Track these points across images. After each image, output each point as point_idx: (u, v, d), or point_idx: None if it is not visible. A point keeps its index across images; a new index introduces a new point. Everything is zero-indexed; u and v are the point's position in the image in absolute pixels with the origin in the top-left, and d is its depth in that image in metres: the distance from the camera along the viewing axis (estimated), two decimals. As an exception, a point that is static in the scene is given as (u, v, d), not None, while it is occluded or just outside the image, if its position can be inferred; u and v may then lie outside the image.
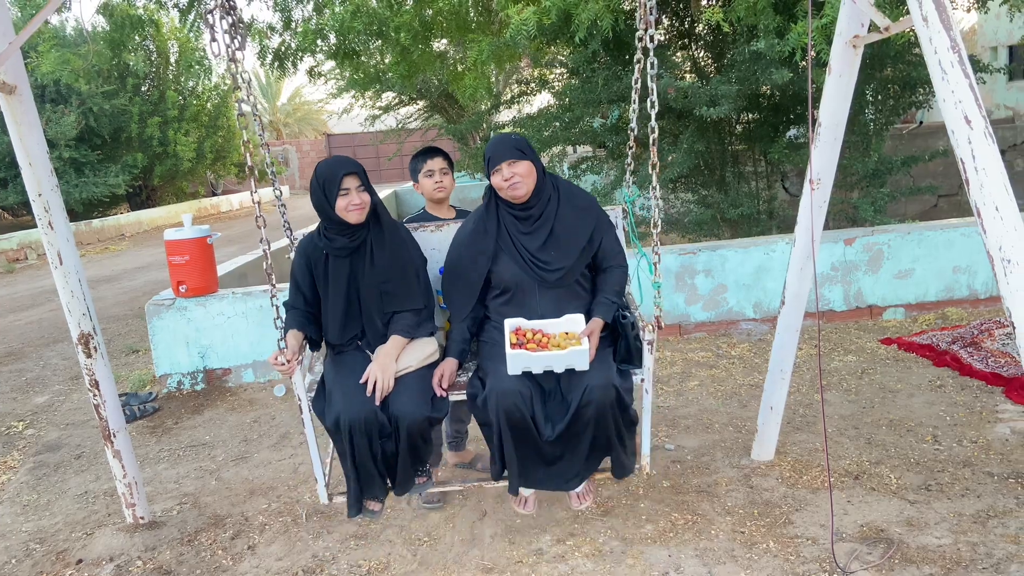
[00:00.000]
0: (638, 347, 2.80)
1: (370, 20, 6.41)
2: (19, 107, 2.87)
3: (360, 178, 2.80)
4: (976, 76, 2.55)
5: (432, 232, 3.23)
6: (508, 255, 2.87)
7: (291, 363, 2.69)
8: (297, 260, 2.94)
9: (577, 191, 2.98)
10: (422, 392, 2.75)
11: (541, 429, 2.71)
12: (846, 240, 5.56)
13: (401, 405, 2.70)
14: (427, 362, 2.85)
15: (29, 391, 5.88)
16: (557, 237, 2.86)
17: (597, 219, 2.92)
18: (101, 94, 17.53)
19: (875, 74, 6.55)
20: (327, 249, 2.88)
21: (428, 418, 2.72)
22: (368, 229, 2.88)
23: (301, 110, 39.58)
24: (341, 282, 2.88)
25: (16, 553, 3.37)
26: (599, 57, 6.92)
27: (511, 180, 2.78)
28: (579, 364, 2.68)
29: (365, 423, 2.66)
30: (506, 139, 2.85)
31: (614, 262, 2.95)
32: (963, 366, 4.51)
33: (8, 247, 14.30)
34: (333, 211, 2.77)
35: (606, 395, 2.65)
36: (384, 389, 2.70)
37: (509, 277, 2.87)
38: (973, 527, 2.90)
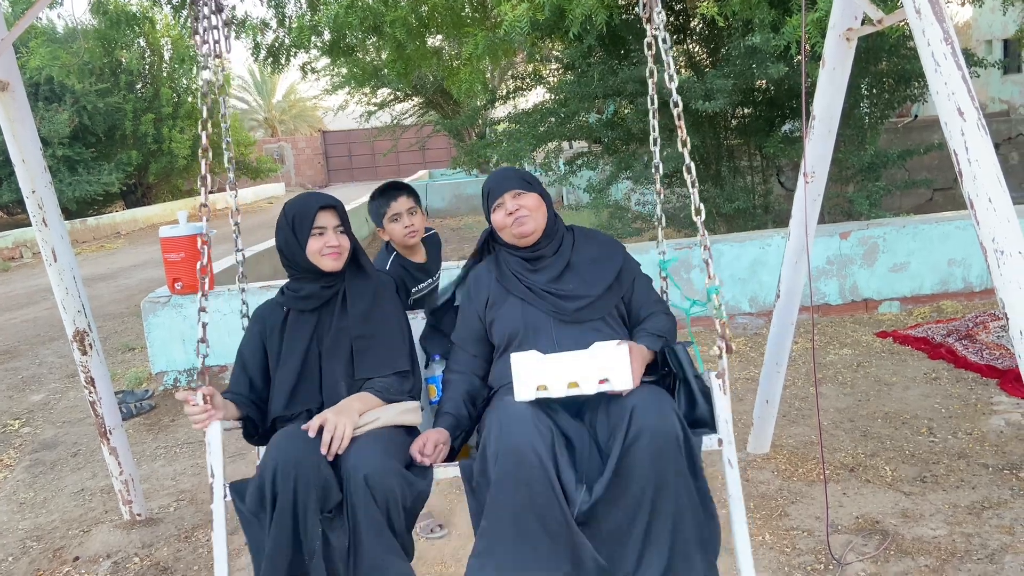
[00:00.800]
0: (705, 390, 2.08)
1: (365, 15, 6.39)
2: (12, 103, 2.87)
3: (339, 216, 2.27)
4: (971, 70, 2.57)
5: (423, 319, 2.56)
6: (512, 294, 2.28)
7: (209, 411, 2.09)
8: (249, 331, 2.38)
9: (595, 231, 2.46)
10: (393, 450, 2.02)
11: (570, 494, 1.87)
12: (841, 234, 5.57)
13: (358, 455, 1.95)
14: (402, 420, 2.15)
15: (25, 389, 5.87)
16: (576, 269, 2.30)
17: (624, 258, 2.36)
18: (95, 92, 17.49)
19: (870, 68, 6.56)
20: (288, 303, 2.32)
21: (402, 476, 1.95)
22: (344, 279, 2.32)
23: (296, 107, 39.54)
24: (300, 342, 2.26)
25: (13, 551, 3.36)
26: (594, 52, 6.92)
27: (516, 214, 2.24)
28: (618, 379, 1.94)
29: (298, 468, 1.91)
30: (508, 170, 2.38)
31: (656, 308, 2.34)
32: (958, 358, 4.53)
33: (3, 245, 14.27)
34: (303, 254, 2.24)
35: (668, 424, 1.88)
36: (339, 440, 1.96)
37: (515, 319, 2.24)
38: (968, 518, 2.91)
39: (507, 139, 7.27)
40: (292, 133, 38.09)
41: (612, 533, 1.90)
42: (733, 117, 7.46)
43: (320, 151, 34.61)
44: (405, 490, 1.95)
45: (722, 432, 2.01)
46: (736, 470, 2.00)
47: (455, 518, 3.29)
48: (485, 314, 2.31)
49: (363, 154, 33.35)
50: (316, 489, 1.91)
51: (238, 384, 2.32)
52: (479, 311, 2.32)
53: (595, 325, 2.21)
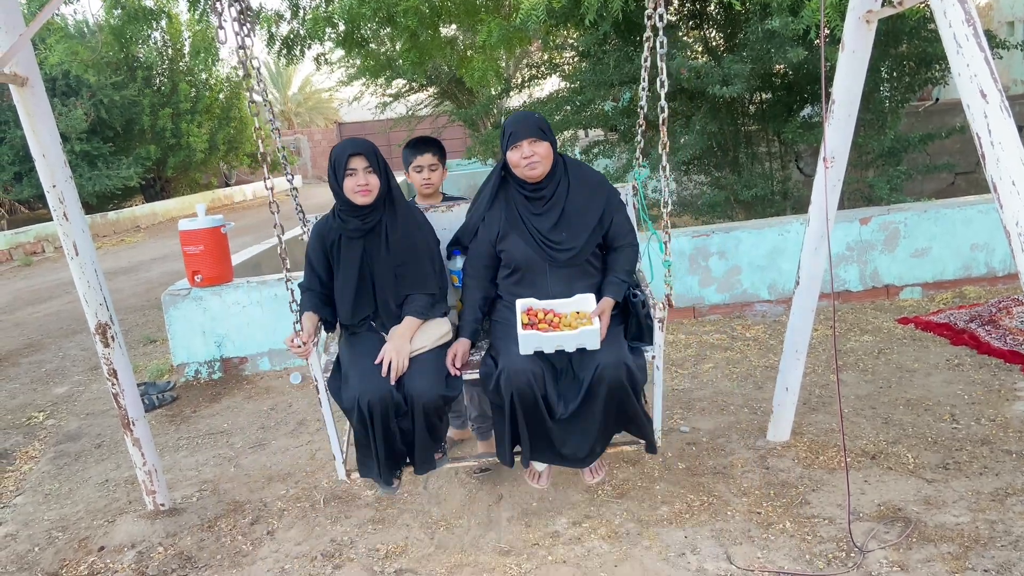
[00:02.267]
0: (649, 325, 2.82)
1: (378, 6, 6.38)
2: (31, 99, 2.89)
3: (368, 159, 2.78)
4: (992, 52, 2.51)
5: (443, 213, 3.24)
6: (518, 234, 2.88)
7: (307, 345, 2.71)
8: (312, 241, 2.96)
9: (587, 170, 2.99)
10: (436, 372, 2.78)
11: (554, 408, 2.74)
12: (862, 219, 5.51)
13: (416, 385, 2.72)
14: (440, 342, 2.89)
15: (49, 382, 5.95)
16: (568, 218, 2.86)
17: (607, 198, 2.92)
18: (111, 85, 17.60)
19: (890, 51, 6.47)
20: (340, 231, 2.89)
21: (442, 396, 2.75)
22: (382, 211, 2.88)
23: (312, 99, 39.60)
24: (353, 264, 2.89)
25: (39, 541, 3.42)
26: (609, 39, 6.87)
27: (530, 159, 2.78)
28: (590, 343, 2.70)
29: (381, 403, 2.68)
30: (529, 116, 2.83)
31: (624, 241, 2.95)
32: (981, 344, 4.47)
33: (25, 240, 14.45)
34: (342, 192, 2.79)
35: (618, 372, 2.67)
36: (399, 369, 2.72)
37: (519, 256, 2.88)
38: (991, 505, 2.88)
39: (522, 128, 7.24)
40: (308, 125, 38.16)
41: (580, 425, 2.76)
42: (751, 102, 7.38)
43: (336, 143, 34.67)
44: (444, 401, 2.78)
45: (655, 351, 2.80)
46: (662, 371, 2.84)
47: (474, 506, 3.31)
48: (496, 243, 2.92)
49: (379, 145, 33.11)
50: (392, 411, 2.72)
51: (311, 281, 2.95)
52: (491, 239, 2.92)
53: (580, 267, 2.89)
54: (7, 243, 14.13)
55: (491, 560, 2.89)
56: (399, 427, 2.76)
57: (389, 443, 2.77)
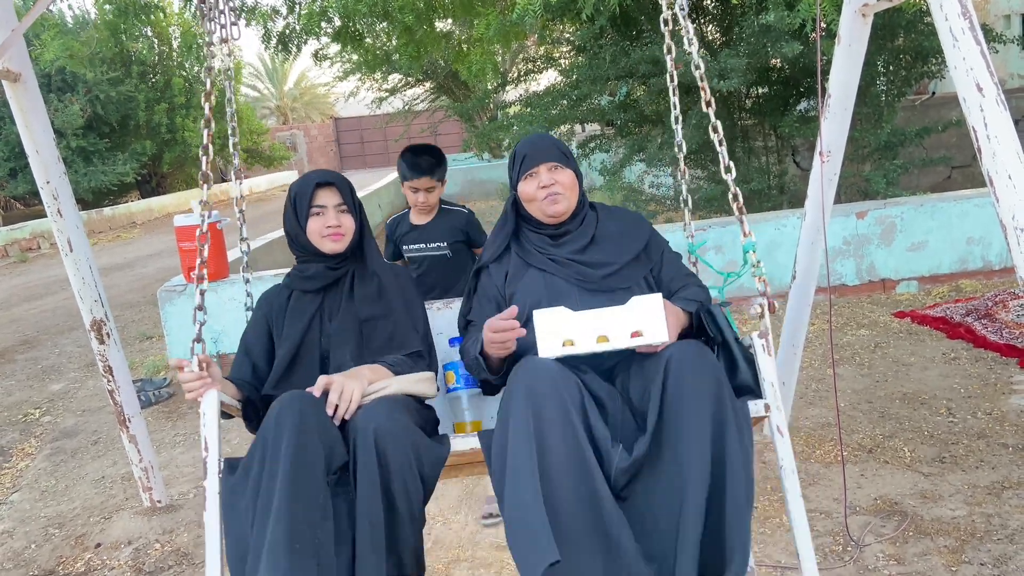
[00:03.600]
0: (747, 354, 1.91)
1: (374, 1, 6.36)
2: (24, 94, 2.88)
3: (341, 194, 2.10)
4: (989, 45, 2.51)
5: (439, 310, 2.49)
6: (535, 266, 2.12)
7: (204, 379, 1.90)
8: (254, 317, 2.24)
9: (620, 208, 2.33)
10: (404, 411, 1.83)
11: (604, 453, 1.68)
12: (858, 213, 5.51)
13: (368, 413, 1.76)
14: (416, 388, 1.97)
15: (45, 379, 5.94)
16: (601, 241, 2.14)
17: (651, 233, 2.21)
18: (107, 80, 17.53)
19: (886, 45, 6.47)
20: (293, 284, 2.17)
21: (415, 436, 1.77)
22: (352, 262, 2.17)
23: (308, 94, 39.53)
24: (300, 320, 2.11)
25: (36, 538, 3.41)
26: (606, 33, 6.86)
27: (550, 190, 2.06)
28: (653, 331, 1.73)
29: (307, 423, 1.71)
30: (546, 137, 2.21)
31: (687, 281, 2.17)
32: (977, 338, 4.48)
33: (21, 236, 14.40)
34: (304, 235, 2.09)
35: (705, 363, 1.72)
36: (346, 403, 1.79)
37: (537, 289, 2.07)
38: (988, 499, 2.89)
39: (519, 122, 7.24)
40: (304, 120, 38.09)
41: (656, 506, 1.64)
42: (747, 97, 7.38)
43: (332, 138, 34.60)
44: (420, 450, 1.75)
45: (768, 397, 1.78)
46: (787, 439, 1.79)
47: (471, 501, 3.31)
48: (504, 289, 2.13)
49: (375, 140, 33.30)
50: (323, 445, 1.70)
51: (240, 370, 2.14)
52: (498, 287, 2.14)
53: (623, 295, 1.91)
54: (2, 239, 14.08)
55: (488, 555, 2.89)
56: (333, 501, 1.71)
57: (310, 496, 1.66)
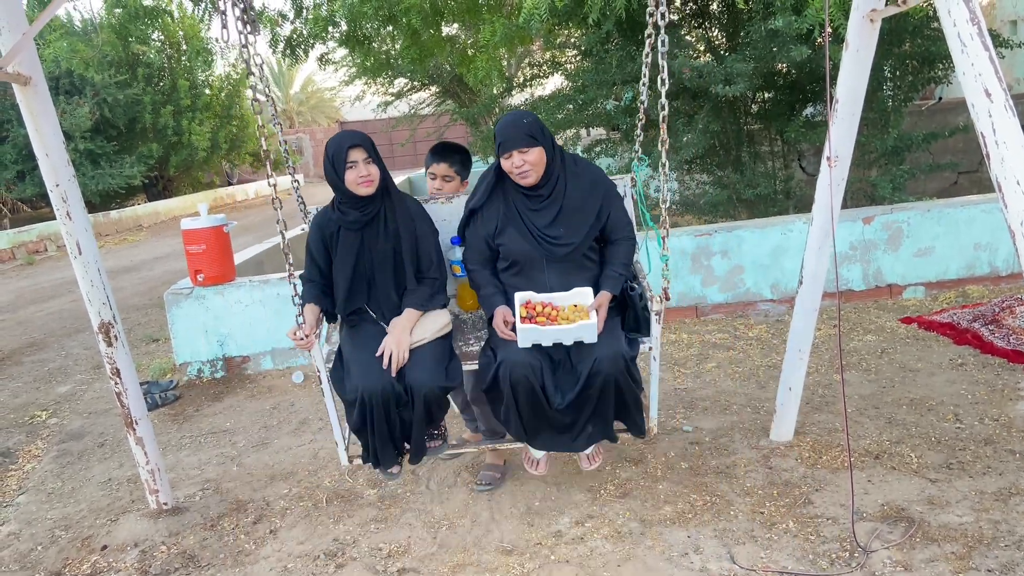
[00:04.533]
0: (646, 317, 2.88)
1: (380, 5, 6.38)
2: (35, 98, 2.89)
3: (366, 150, 2.82)
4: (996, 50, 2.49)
5: (442, 204, 3.27)
6: (516, 229, 2.91)
7: (309, 337, 2.76)
8: (312, 233, 2.99)
9: (585, 166, 2.99)
10: (436, 362, 2.83)
11: (551, 398, 2.79)
12: (865, 219, 5.50)
13: (416, 376, 2.79)
14: (440, 333, 2.94)
15: (52, 381, 5.96)
16: (566, 214, 2.89)
17: (606, 193, 2.95)
18: (114, 84, 17.61)
19: (893, 50, 6.46)
20: (340, 222, 2.92)
21: (442, 387, 2.82)
22: (381, 202, 2.91)
23: (314, 98, 39.61)
24: (349, 255, 2.92)
25: (42, 540, 3.42)
26: (612, 38, 6.86)
27: (521, 168, 2.81)
28: (588, 337, 2.76)
29: (383, 395, 2.75)
30: (518, 122, 2.81)
31: (622, 234, 2.98)
32: (984, 344, 4.47)
33: (28, 239, 14.46)
34: (343, 185, 2.81)
35: (615, 365, 2.74)
36: (399, 361, 2.78)
37: (517, 251, 2.91)
38: (995, 505, 2.88)
39: (524, 126, 7.23)
40: (310, 124, 38.17)
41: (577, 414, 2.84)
42: (753, 102, 7.38)
43: (335, 140, 34.65)
44: (443, 391, 2.85)
45: (652, 342, 2.88)
46: (658, 361, 2.92)
47: (476, 506, 3.31)
48: (494, 237, 2.95)
49: (381, 144, 33.09)
50: (392, 402, 2.78)
51: (311, 271, 2.98)
52: (489, 231, 2.96)
53: (577, 262, 2.92)
54: (10, 242, 14.14)
55: (494, 560, 2.89)
56: (400, 417, 2.82)
57: (390, 432, 2.84)
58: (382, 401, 2.76)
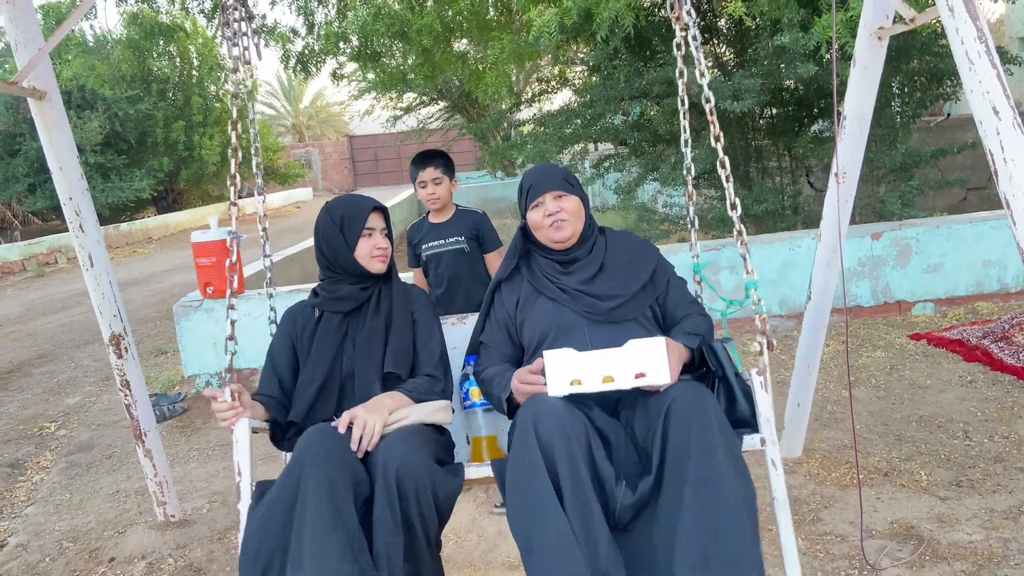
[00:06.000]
0: (746, 388, 2.05)
1: (392, 22, 6.43)
2: (49, 112, 2.93)
3: (385, 219, 2.33)
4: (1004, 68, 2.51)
5: (453, 325, 2.57)
6: (544, 294, 2.25)
7: (237, 408, 2.04)
8: (279, 332, 2.37)
9: (628, 234, 2.41)
10: (424, 445, 1.99)
11: (608, 491, 1.81)
12: (873, 235, 5.50)
13: (389, 448, 1.91)
14: (432, 419, 2.12)
15: (61, 392, 5.98)
16: (609, 271, 2.26)
17: (658, 260, 2.33)
18: (126, 99, 17.77)
19: (901, 66, 6.47)
20: (323, 306, 2.31)
21: (433, 469, 1.92)
22: (379, 282, 2.35)
23: (323, 112, 39.90)
24: (328, 348, 2.24)
25: (50, 551, 3.43)
26: (620, 54, 6.90)
27: (555, 216, 2.21)
28: (656, 373, 1.88)
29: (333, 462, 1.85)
30: (551, 168, 2.32)
31: (691, 310, 2.31)
32: (994, 361, 4.45)
33: (38, 251, 14.55)
34: (351, 256, 2.25)
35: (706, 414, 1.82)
36: (368, 436, 1.94)
37: (547, 319, 2.19)
38: (1005, 523, 2.86)
39: (532, 141, 7.28)
40: (319, 138, 38.41)
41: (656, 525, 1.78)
42: (761, 117, 7.39)
43: (347, 156, 34.88)
44: (436, 483, 1.91)
45: (764, 431, 1.95)
46: (780, 472, 1.96)
47: (483, 520, 3.30)
48: (516, 315, 2.28)
49: (389, 158, 33.53)
50: (350, 483, 1.85)
51: (268, 386, 2.28)
52: (509, 311, 2.30)
53: (629, 326, 2.15)
54: (21, 254, 14.24)
55: (501, 575, 2.88)
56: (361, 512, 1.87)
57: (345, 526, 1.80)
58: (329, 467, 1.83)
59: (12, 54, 2.92)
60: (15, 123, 16.97)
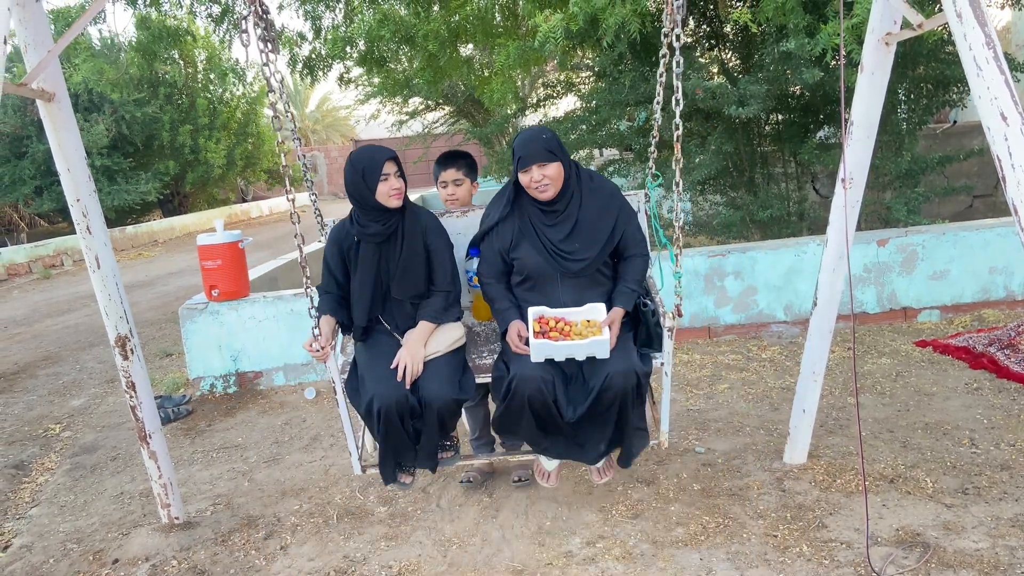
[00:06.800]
0: (658, 332, 2.91)
1: (398, 28, 6.46)
2: (58, 114, 2.93)
3: (397, 163, 2.90)
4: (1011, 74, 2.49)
5: (457, 218, 3.32)
6: (531, 244, 2.95)
7: (325, 349, 2.80)
8: (329, 246, 3.05)
9: (600, 181, 3.03)
10: (450, 375, 2.88)
11: (563, 412, 2.83)
12: (879, 241, 5.49)
13: (431, 389, 2.83)
14: (454, 347, 2.98)
15: (66, 394, 5.99)
16: (581, 229, 2.93)
17: (620, 209, 2.99)
18: (133, 102, 17.84)
19: (907, 73, 6.46)
20: (359, 235, 2.96)
21: (455, 399, 2.86)
22: (400, 216, 2.97)
23: (329, 116, 39.95)
24: (369, 267, 2.97)
25: (54, 553, 3.43)
26: (625, 59, 6.90)
27: (540, 183, 2.86)
28: (600, 353, 2.78)
29: (397, 406, 2.78)
30: (537, 138, 2.87)
31: (636, 251, 3.02)
32: (1000, 368, 4.43)
33: (45, 253, 14.60)
34: (373, 197, 2.85)
35: (627, 381, 2.77)
36: (413, 374, 2.83)
37: (532, 265, 2.95)
38: (1011, 531, 2.85)
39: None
40: (325, 143, 38.47)
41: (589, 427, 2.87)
42: (767, 123, 7.38)
43: (354, 157, 34.86)
44: (457, 404, 2.89)
45: (664, 357, 2.90)
46: (670, 377, 2.92)
47: (487, 525, 3.29)
48: (509, 250, 2.99)
49: (394, 162, 33.55)
50: (407, 413, 2.82)
51: (328, 283, 3.04)
52: (504, 246, 2.99)
53: (591, 277, 2.96)
54: (27, 256, 14.29)
55: (504, 579, 2.88)
56: (413, 428, 2.86)
57: (403, 443, 2.88)
58: (396, 413, 2.79)
59: (22, 59, 2.93)
60: (22, 126, 17.04)
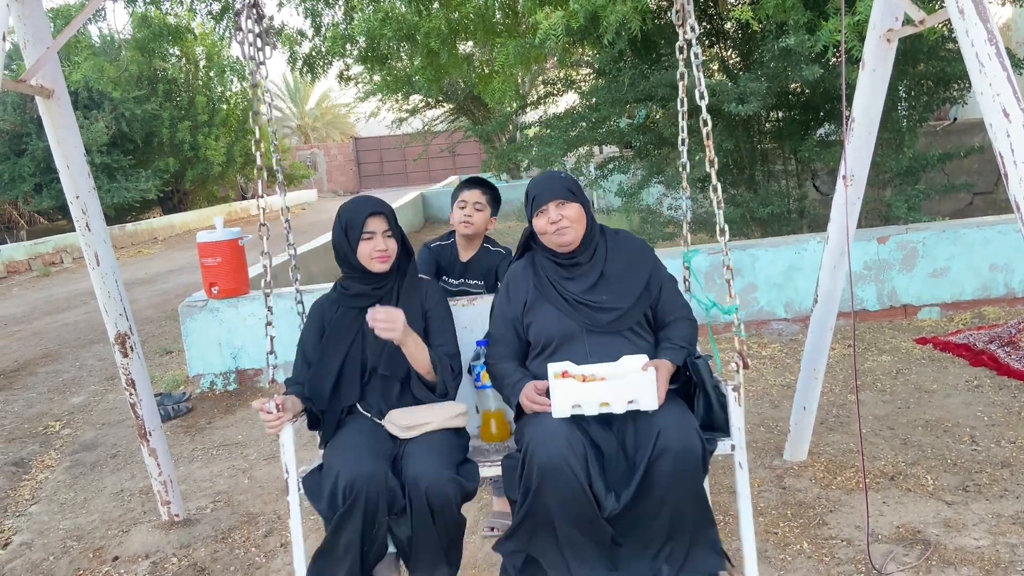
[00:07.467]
0: (722, 398, 2.28)
1: (399, 25, 6.44)
2: (57, 110, 2.93)
3: (388, 221, 2.44)
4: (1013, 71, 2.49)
5: (464, 307, 2.79)
6: (549, 302, 2.43)
7: (281, 417, 2.27)
8: (309, 322, 2.57)
9: (626, 236, 2.57)
10: (446, 455, 2.25)
11: (601, 501, 2.10)
12: (879, 238, 5.48)
13: (419, 465, 2.18)
14: (452, 424, 2.37)
15: (66, 391, 5.99)
16: (608, 280, 2.43)
17: (654, 265, 2.49)
18: (132, 99, 17.82)
19: (908, 70, 6.45)
20: (339, 300, 2.51)
21: (455, 481, 2.19)
22: (394, 281, 2.51)
23: (329, 114, 39.95)
24: (343, 337, 2.45)
25: (54, 550, 3.43)
26: (625, 56, 6.89)
27: (558, 224, 2.37)
28: (645, 400, 2.13)
29: (370, 483, 2.13)
30: (554, 177, 2.45)
31: (679, 314, 2.48)
32: (1000, 366, 4.43)
33: (44, 251, 14.59)
34: (355, 256, 2.43)
35: (689, 444, 2.10)
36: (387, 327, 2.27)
37: (551, 326, 2.40)
38: (1012, 528, 2.85)
39: (538, 144, 7.27)
40: (324, 140, 38.45)
41: (639, 529, 2.15)
42: (767, 120, 7.38)
43: (352, 158, 34.90)
44: (457, 493, 2.21)
45: (735, 439, 2.25)
46: (746, 472, 2.27)
47: (485, 518, 3.29)
48: (523, 316, 2.47)
49: (394, 160, 33.57)
50: (384, 500, 2.17)
51: (299, 373, 2.52)
52: (517, 312, 2.47)
53: (624, 335, 2.39)
54: (26, 253, 14.28)
55: (505, 576, 2.87)
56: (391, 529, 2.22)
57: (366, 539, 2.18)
58: (369, 493, 2.12)
59: (21, 56, 2.92)
60: (22, 123, 17.03)
